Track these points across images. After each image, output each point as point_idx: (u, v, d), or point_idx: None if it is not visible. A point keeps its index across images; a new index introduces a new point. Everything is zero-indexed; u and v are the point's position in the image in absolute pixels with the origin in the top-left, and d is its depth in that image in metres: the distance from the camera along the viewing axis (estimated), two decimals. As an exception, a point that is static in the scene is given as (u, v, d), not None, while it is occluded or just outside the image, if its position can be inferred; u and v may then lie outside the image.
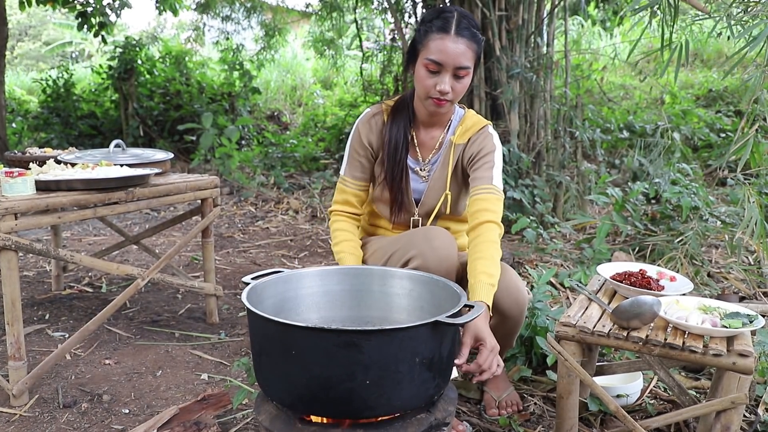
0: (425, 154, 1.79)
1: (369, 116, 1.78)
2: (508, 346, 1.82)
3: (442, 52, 1.55)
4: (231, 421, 1.83)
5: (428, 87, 1.60)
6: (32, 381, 1.96)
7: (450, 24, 1.56)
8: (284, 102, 10.04)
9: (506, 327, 1.71)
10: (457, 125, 1.77)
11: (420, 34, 1.61)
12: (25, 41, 18.53)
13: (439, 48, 1.56)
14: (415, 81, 1.65)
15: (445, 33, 1.56)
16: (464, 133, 1.75)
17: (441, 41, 1.56)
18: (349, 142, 1.80)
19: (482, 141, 1.73)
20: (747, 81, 1.95)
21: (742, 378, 1.30)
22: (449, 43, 1.55)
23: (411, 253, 1.60)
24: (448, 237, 1.62)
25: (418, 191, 1.79)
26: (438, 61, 1.56)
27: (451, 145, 1.76)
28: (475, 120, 1.77)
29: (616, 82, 8.26)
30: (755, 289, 2.85)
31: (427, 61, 1.57)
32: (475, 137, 1.74)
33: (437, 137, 1.78)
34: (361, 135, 1.77)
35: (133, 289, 2.26)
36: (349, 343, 1.12)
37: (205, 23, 8.82)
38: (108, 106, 8.11)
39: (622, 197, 3.68)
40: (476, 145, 1.73)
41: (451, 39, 1.56)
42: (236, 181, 5.97)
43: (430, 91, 1.60)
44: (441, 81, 1.58)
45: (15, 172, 1.95)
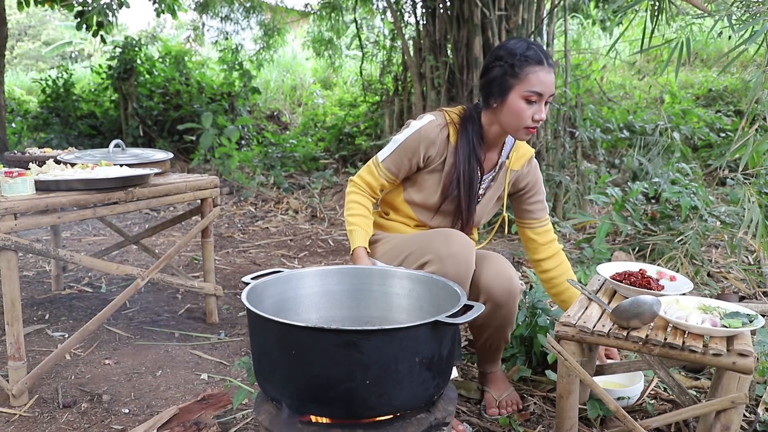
0: (482, 173, 1.85)
1: (435, 126, 1.78)
2: (503, 340, 1.82)
3: (543, 83, 1.65)
4: (231, 421, 1.83)
5: (526, 117, 1.67)
6: (32, 381, 1.96)
7: (542, 56, 1.67)
8: (284, 102, 10.03)
9: (499, 316, 1.73)
10: (511, 151, 1.87)
11: (511, 69, 1.66)
12: (24, 41, 18.52)
13: (540, 80, 1.65)
14: (508, 112, 1.69)
15: (542, 65, 1.66)
16: (518, 159, 1.87)
17: (540, 73, 1.65)
18: (404, 138, 1.79)
19: (534, 171, 1.91)
20: (748, 81, 1.95)
21: (742, 378, 1.30)
22: (546, 74, 1.66)
23: (428, 257, 1.61)
24: (467, 243, 1.63)
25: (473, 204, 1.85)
26: (540, 92, 1.65)
27: (506, 169, 1.86)
28: (526, 149, 1.89)
29: (615, 82, 8.26)
30: (755, 289, 2.85)
31: (529, 93, 1.65)
32: (527, 166, 1.89)
33: (494, 159, 1.86)
34: (421, 144, 1.77)
35: (132, 289, 2.26)
36: (349, 343, 1.12)
37: (204, 23, 8.82)
38: (107, 106, 8.11)
39: (621, 197, 3.68)
40: (531, 175, 1.90)
41: (546, 70, 1.66)
42: (236, 181, 5.97)
43: (528, 121, 1.68)
44: (539, 110, 1.67)
45: (14, 172, 1.95)
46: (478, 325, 1.78)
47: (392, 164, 1.81)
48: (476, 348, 1.89)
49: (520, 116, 1.67)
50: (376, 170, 1.83)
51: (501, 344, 1.83)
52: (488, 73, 1.72)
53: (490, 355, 1.87)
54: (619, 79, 8.44)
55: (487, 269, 1.70)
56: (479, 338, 1.83)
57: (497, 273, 1.70)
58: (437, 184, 1.80)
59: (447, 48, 4.80)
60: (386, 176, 1.82)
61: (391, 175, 1.82)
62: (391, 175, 1.82)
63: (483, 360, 1.90)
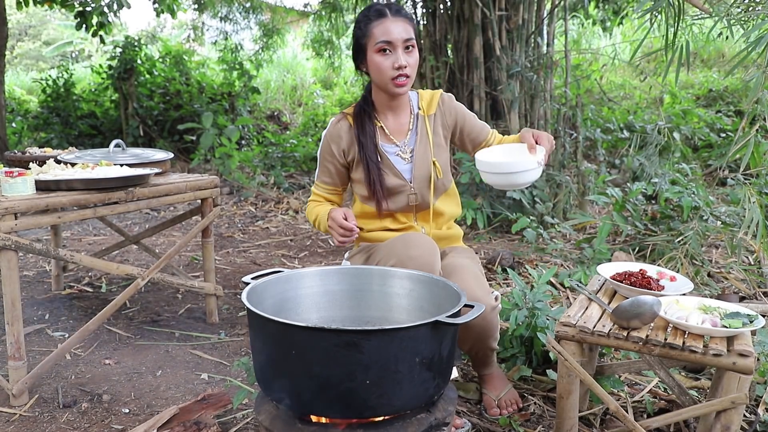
0: (400, 137, 1.88)
1: (333, 124, 1.90)
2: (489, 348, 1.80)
3: (388, 32, 1.70)
4: (231, 420, 1.83)
5: (386, 68, 1.72)
6: (32, 381, 1.96)
7: (384, 8, 1.73)
8: (284, 102, 10.04)
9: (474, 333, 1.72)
10: (418, 102, 1.91)
11: (360, 30, 1.75)
12: (25, 41, 18.52)
13: (384, 30, 1.70)
14: (372, 71, 1.76)
15: (383, 17, 1.71)
16: (429, 105, 1.89)
17: (383, 24, 1.71)
18: (320, 152, 1.92)
19: (452, 104, 1.92)
20: (748, 81, 1.95)
21: (742, 378, 1.30)
22: (391, 23, 1.71)
23: (392, 261, 1.62)
24: (427, 244, 1.64)
25: (407, 171, 1.86)
26: (388, 40, 1.70)
27: (423, 118, 1.88)
28: (430, 93, 1.92)
29: (616, 82, 8.26)
30: (755, 289, 2.85)
31: (378, 44, 1.70)
32: (442, 105, 1.90)
33: (406, 119, 1.89)
34: (330, 143, 1.88)
35: (133, 288, 2.26)
36: (349, 343, 1.12)
37: (204, 23, 8.82)
38: (108, 106, 8.11)
39: (622, 197, 3.68)
40: (451, 109, 1.91)
41: (390, 20, 1.71)
42: (236, 181, 5.97)
43: (390, 72, 1.72)
44: (396, 59, 1.70)
45: (15, 172, 1.95)
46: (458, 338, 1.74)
47: (323, 175, 1.92)
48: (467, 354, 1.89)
49: (381, 69, 1.72)
50: (316, 189, 1.96)
51: (488, 351, 1.83)
52: (352, 41, 1.79)
53: (480, 361, 1.88)
54: (620, 79, 8.44)
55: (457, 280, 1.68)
56: (463, 347, 1.83)
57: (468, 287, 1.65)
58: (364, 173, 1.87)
59: (447, 48, 4.80)
60: (325, 189, 1.93)
61: (328, 186, 1.93)
62: (328, 185, 1.92)
63: (476, 364, 1.91)
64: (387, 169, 1.84)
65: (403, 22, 1.72)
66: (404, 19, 1.73)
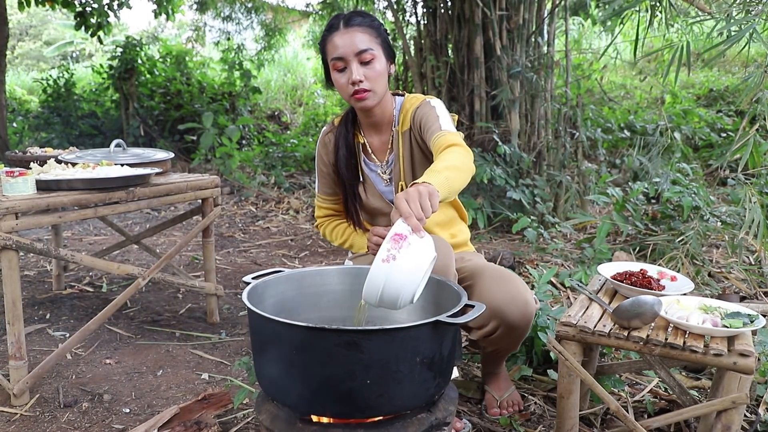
0: (382, 156, 1.81)
1: (324, 135, 1.85)
2: (511, 351, 1.79)
3: (338, 46, 1.59)
4: (232, 420, 1.83)
5: (344, 85, 1.62)
6: (33, 380, 1.96)
7: (338, 21, 1.61)
8: (285, 102, 10.04)
9: (511, 338, 1.66)
10: (399, 115, 1.76)
11: (321, 47, 1.67)
12: (25, 41, 18.53)
13: (335, 44, 1.59)
14: (336, 88, 1.67)
15: (336, 30, 1.61)
16: (404, 119, 1.74)
17: (335, 38, 1.60)
18: (315, 162, 1.89)
19: (421, 110, 1.69)
20: (745, 80, 1.95)
21: (742, 378, 1.29)
22: (342, 35, 1.59)
23: None
24: (445, 247, 1.60)
25: (388, 192, 1.81)
26: (339, 56, 1.59)
27: (398, 135, 1.75)
28: (412, 101, 1.74)
29: (616, 82, 8.25)
30: (756, 289, 2.85)
31: (332, 61, 1.61)
32: (413, 115, 1.71)
33: (387, 138, 1.79)
34: (322, 155, 1.85)
35: (133, 288, 2.26)
36: (349, 343, 1.12)
37: (205, 23, 8.82)
38: (108, 106, 8.11)
39: (622, 197, 3.67)
40: (417, 118, 1.69)
41: (341, 32, 1.59)
42: (237, 180, 5.97)
43: (347, 89, 1.62)
44: (350, 74, 1.60)
45: (16, 172, 1.95)
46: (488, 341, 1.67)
47: (324, 187, 1.89)
48: (480, 354, 1.88)
49: (340, 87, 1.64)
50: (319, 201, 1.92)
51: (508, 354, 1.81)
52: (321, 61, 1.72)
53: (495, 360, 1.85)
54: (620, 78, 8.44)
55: (498, 290, 1.58)
56: (486, 349, 1.76)
57: (513, 297, 1.57)
58: None
59: (448, 48, 4.80)
60: (328, 200, 1.90)
61: (329, 197, 1.89)
62: (330, 196, 1.89)
63: (488, 362, 1.89)
64: (369, 190, 1.80)
65: (356, 32, 1.58)
66: (358, 28, 1.59)
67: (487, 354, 1.84)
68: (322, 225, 1.94)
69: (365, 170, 1.81)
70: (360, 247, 1.84)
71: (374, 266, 1.09)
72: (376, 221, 1.85)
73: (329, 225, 1.92)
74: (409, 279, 1.10)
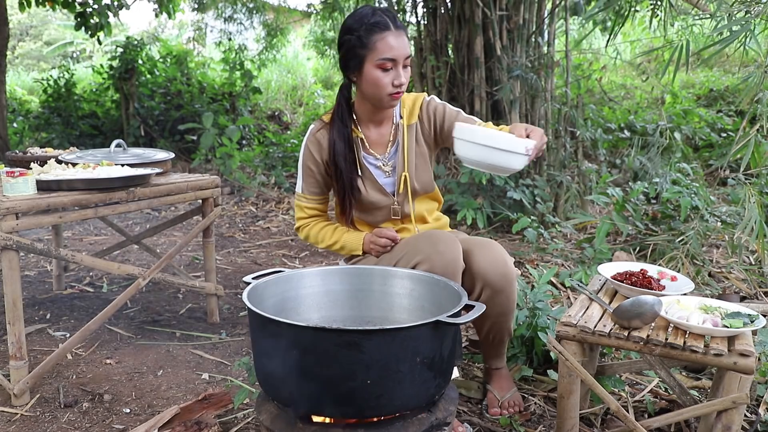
0: (381, 150, 1.84)
1: (314, 132, 1.83)
2: (506, 331, 1.80)
3: (393, 48, 1.62)
4: (232, 420, 1.83)
5: (386, 85, 1.66)
6: (33, 380, 1.96)
7: (388, 20, 1.64)
8: (285, 102, 10.04)
9: (498, 303, 1.69)
10: (401, 110, 1.83)
11: (359, 40, 1.64)
12: (26, 41, 18.54)
13: (389, 45, 1.62)
14: (367, 84, 1.68)
15: (387, 30, 1.63)
16: (410, 113, 1.82)
17: (388, 39, 1.62)
18: (301, 160, 1.86)
19: (432, 106, 1.82)
20: (745, 79, 1.95)
21: (743, 378, 1.30)
22: (396, 38, 1.63)
23: (417, 258, 1.59)
24: (452, 240, 1.62)
25: (389, 184, 1.83)
26: (392, 57, 1.63)
27: (402, 128, 1.81)
28: (412, 98, 1.84)
29: (616, 82, 8.25)
30: (756, 289, 2.85)
31: (381, 60, 1.63)
32: (422, 112, 1.83)
33: (387, 131, 1.84)
34: (312, 152, 1.82)
35: (134, 288, 2.26)
36: (350, 343, 1.12)
37: (206, 23, 8.83)
38: (109, 106, 8.12)
39: (622, 197, 3.67)
40: (429, 114, 1.82)
41: (395, 34, 1.63)
42: (237, 180, 5.98)
43: (388, 89, 1.66)
44: (397, 75, 1.65)
45: (16, 172, 1.95)
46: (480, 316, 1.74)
47: (310, 186, 1.85)
48: (480, 342, 1.88)
49: (379, 85, 1.65)
50: (303, 201, 1.87)
51: (504, 336, 1.81)
52: (342, 47, 1.70)
53: (494, 348, 1.86)
54: (620, 78, 8.43)
55: (480, 256, 1.67)
56: (481, 330, 1.81)
57: (492, 259, 1.66)
58: None
59: (448, 48, 4.80)
60: (314, 199, 1.87)
61: (316, 196, 1.87)
62: (316, 195, 1.86)
63: (488, 354, 1.89)
64: (368, 183, 1.81)
65: (403, 36, 1.65)
66: (404, 31, 1.66)
67: (484, 340, 1.84)
68: (307, 227, 1.89)
69: (364, 163, 1.82)
70: (353, 248, 1.81)
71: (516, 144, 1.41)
72: (371, 216, 1.85)
73: (315, 226, 1.88)
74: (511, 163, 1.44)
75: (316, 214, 1.89)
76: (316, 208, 1.88)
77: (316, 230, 1.87)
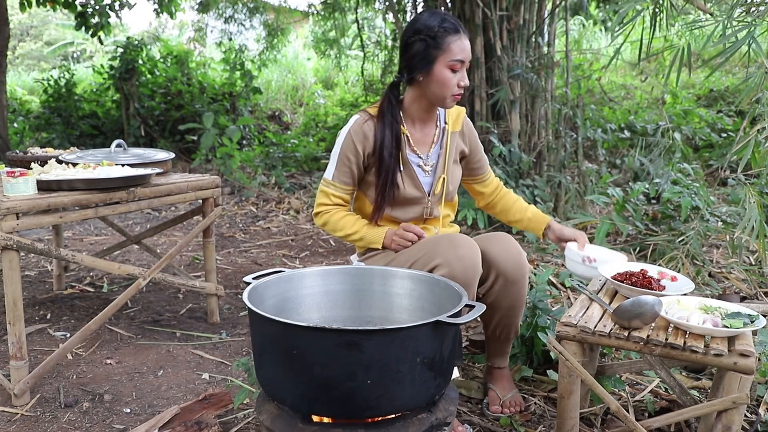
0: (424, 149, 1.89)
1: (361, 124, 1.83)
2: (513, 327, 1.82)
3: (464, 50, 1.73)
4: (232, 420, 1.83)
5: (452, 85, 1.74)
6: (34, 380, 1.96)
7: (458, 26, 1.74)
8: (285, 102, 10.04)
9: (510, 294, 1.74)
10: (445, 116, 1.92)
11: (433, 41, 1.71)
12: (26, 41, 18.54)
13: (461, 48, 1.72)
14: (435, 84, 1.74)
15: (459, 33, 1.73)
16: (455, 121, 1.92)
17: (460, 42, 1.72)
18: (339, 148, 1.84)
19: (472, 129, 1.98)
20: (746, 80, 1.95)
21: (743, 378, 1.30)
22: (464, 42, 1.74)
23: (436, 261, 1.60)
24: (472, 245, 1.63)
25: (427, 183, 1.88)
26: (462, 59, 1.73)
27: (448, 134, 1.90)
28: (456, 109, 1.95)
29: (616, 82, 8.25)
30: (756, 289, 2.85)
31: (453, 61, 1.71)
32: (466, 125, 1.96)
33: (431, 132, 1.90)
34: (355, 142, 1.82)
35: (134, 288, 2.26)
36: (350, 343, 1.12)
37: (207, 24, 8.83)
38: (109, 106, 8.12)
39: (622, 197, 3.67)
40: (472, 134, 1.98)
41: (463, 38, 1.74)
42: (237, 180, 5.98)
43: (454, 89, 1.75)
44: (462, 77, 1.75)
45: (17, 172, 1.95)
46: (488, 304, 1.75)
47: (342, 175, 1.84)
48: (486, 338, 1.89)
49: (447, 85, 1.73)
50: (330, 188, 1.85)
51: (510, 332, 1.82)
52: (410, 48, 1.75)
53: (500, 345, 1.87)
54: (621, 79, 8.44)
55: (495, 246, 1.72)
56: (489, 324, 1.82)
57: (507, 248, 1.72)
58: None
59: (448, 48, 4.80)
60: (343, 189, 1.85)
61: (346, 186, 1.85)
62: (346, 185, 1.85)
63: (492, 352, 1.89)
64: (408, 179, 1.84)
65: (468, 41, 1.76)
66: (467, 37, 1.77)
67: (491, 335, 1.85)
68: (327, 213, 1.87)
69: (408, 159, 1.85)
70: (372, 241, 1.81)
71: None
72: (402, 212, 1.86)
73: (336, 214, 1.86)
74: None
75: (340, 203, 1.87)
76: (342, 197, 1.87)
77: (337, 218, 1.86)
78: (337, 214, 1.87)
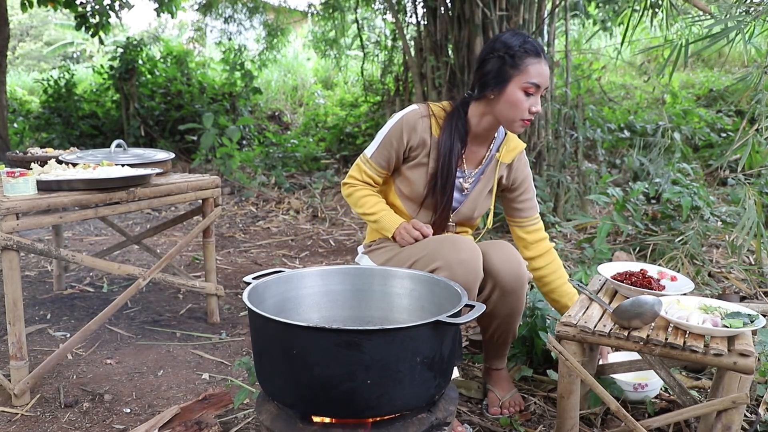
0: (470, 167, 1.86)
1: (418, 115, 1.80)
2: (511, 333, 1.81)
3: (542, 75, 1.67)
4: (232, 420, 1.84)
5: (524, 109, 1.68)
6: (34, 380, 1.96)
7: (539, 49, 1.69)
8: (285, 102, 10.04)
9: (508, 304, 1.72)
10: (502, 144, 1.87)
11: (512, 59, 1.67)
12: (26, 41, 18.54)
13: (539, 72, 1.66)
14: (505, 104, 1.69)
15: (540, 57, 1.67)
16: (509, 153, 1.87)
17: (539, 65, 1.67)
18: (387, 130, 1.81)
19: (525, 167, 1.91)
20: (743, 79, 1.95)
21: (743, 378, 1.30)
22: (544, 67, 1.68)
23: (438, 263, 1.59)
24: (474, 249, 1.62)
25: (457, 200, 1.85)
26: (538, 84, 1.67)
27: (496, 162, 1.86)
28: (517, 142, 1.89)
29: (616, 82, 8.26)
30: (756, 289, 2.85)
31: (528, 84, 1.66)
32: (518, 160, 1.89)
33: (482, 152, 1.87)
34: (404, 130, 1.79)
35: (134, 288, 2.26)
36: (350, 343, 1.12)
37: (207, 24, 8.83)
38: (109, 106, 8.12)
39: (622, 197, 3.67)
40: (520, 170, 1.89)
41: (544, 63, 1.68)
42: (237, 181, 5.98)
43: (524, 113, 1.69)
44: (535, 102, 1.69)
45: (17, 172, 1.95)
46: (486, 314, 1.74)
47: (380, 157, 1.82)
48: (484, 342, 1.88)
49: (518, 107, 1.68)
50: (365, 166, 1.85)
51: (508, 337, 1.82)
52: (486, 64, 1.71)
53: (497, 349, 1.86)
54: (620, 79, 8.44)
55: (494, 255, 1.68)
56: (487, 330, 1.81)
57: (505, 258, 1.68)
58: (422, 178, 1.81)
59: (448, 48, 4.80)
60: (376, 170, 1.84)
61: (381, 169, 1.84)
62: (381, 168, 1.84)
63: (490, 355, 1.89)
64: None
65: (548, 69, 1.71)
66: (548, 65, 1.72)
67: (488, 340, 1.85)
68: (353, 187, 1.87)
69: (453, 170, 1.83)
70: (385, 227, 1.80)
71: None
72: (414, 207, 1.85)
73: (363, 190, 1.86)
74: None
75: (369, 183, 1.87)
76: (373, 178, 1.85)
77: (361, 194, 1.86)
78: (363, 190, 1.86)
